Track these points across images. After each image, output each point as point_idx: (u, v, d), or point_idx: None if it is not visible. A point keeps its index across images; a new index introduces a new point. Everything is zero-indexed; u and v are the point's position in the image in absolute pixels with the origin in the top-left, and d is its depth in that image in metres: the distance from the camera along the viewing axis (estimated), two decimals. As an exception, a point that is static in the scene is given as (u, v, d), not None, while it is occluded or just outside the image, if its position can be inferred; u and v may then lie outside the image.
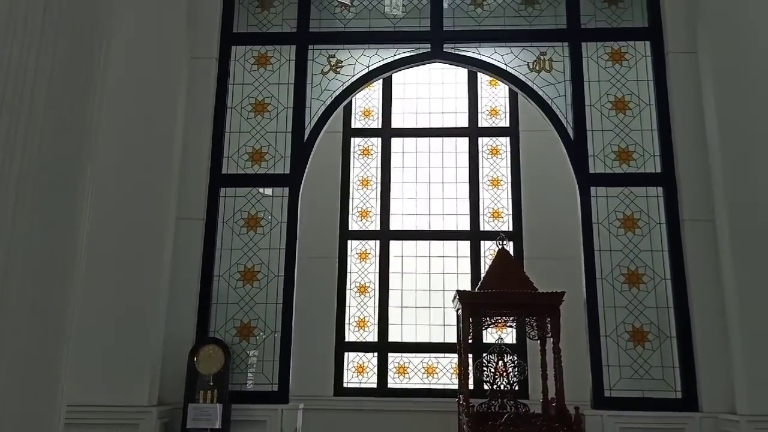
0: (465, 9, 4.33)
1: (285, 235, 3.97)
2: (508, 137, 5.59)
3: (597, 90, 4.05)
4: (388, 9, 4.39)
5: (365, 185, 5.65)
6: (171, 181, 3.85)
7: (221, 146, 4.13)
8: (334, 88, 4.25)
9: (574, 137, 3.98)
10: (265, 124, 4.20)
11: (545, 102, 4.07)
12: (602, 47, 4.13)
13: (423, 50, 4.26)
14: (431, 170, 5.67)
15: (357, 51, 4.30)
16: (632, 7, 4.17)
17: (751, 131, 3.62)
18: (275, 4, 4.40)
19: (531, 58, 4.18)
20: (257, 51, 4.33)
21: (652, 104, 3.98)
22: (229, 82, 4.26)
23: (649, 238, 3.80)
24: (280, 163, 4.13)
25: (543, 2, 4.27)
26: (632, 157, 3.93)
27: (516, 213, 5.39)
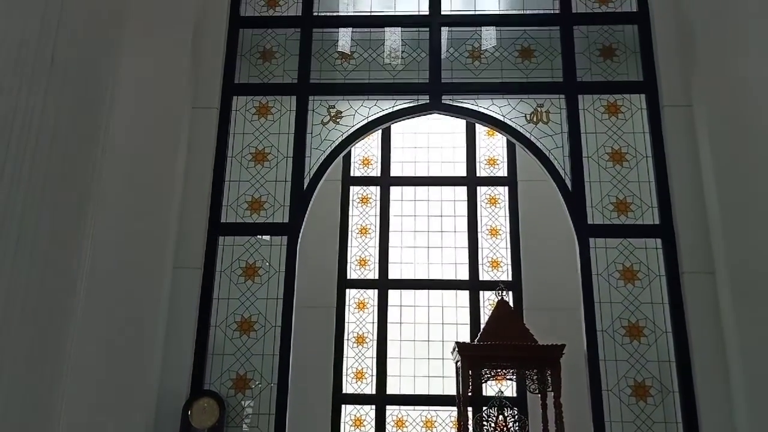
0: (463, 62, 4.40)
1: (283, 285, 3.95)
2: (507, 187, 5.63)
3: (594, 142, 4.09)
4: (387, 60, 4.46)
5: (364, 234, 5.66)
6: (169, 230, 3.84)
7: (220, 195, 4.14)
8: (334, 138, 4.28)
9: (572, 188, 4.00)
10: (265, 173, 4.22)
11: (543, 153, 4.10)
12: (598, 100, 4.19)
13: (422, 101, 4.32)
14: (430, 219, 5.69)
15: (357, 102, 4.36)
16: (627, 61, 4.25)
17: (748, 184, 3.64)
18: (276, 55, 4.47)
19: (528, 110, 4.23)
20: (258, 101, 4.38)
21: (649, 156, 4.01)
22: (230, 132, 4.29)
23: (649, 290, 3.77)
24: (279, 211, 4.13)
25: (539, 56, 4.34)
26: (630, 208, 3.94)
27: (515, 263, 5.38)
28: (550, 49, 4.33)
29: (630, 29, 4.29)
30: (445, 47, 4.41)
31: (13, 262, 1.85)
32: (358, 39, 4.50)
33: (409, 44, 4.46)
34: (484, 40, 4.42)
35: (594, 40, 4.31)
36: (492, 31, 4.44)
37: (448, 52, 4.41)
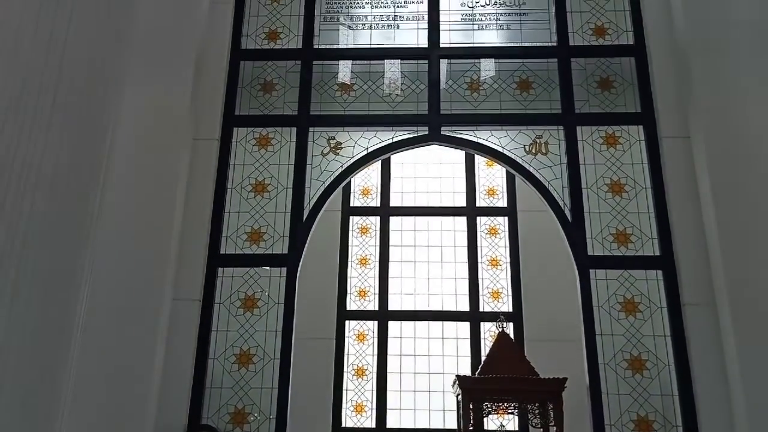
0: (461, 93, 4.43)
1: (282, 317, 3.92)
2: (506, 217, 5.63)
3: (593, 173, 4.10)
4: (387, 91, 4.49)
5: (363, 264, 5.65)
6: (168, 262, 3.83)
7: (220, 226, 4.14)
8: (334, 169, 4.29)
9: (571, 219, 4.00)
10: (265, 204, 4.23)
11: (542, 184, 4.11)
12: (597, 131, 4.21)
13: (421, 133, 4.34)
14: (430, 250, 5.68)
15: (356, 133, 4.38)
16: (624, 92, 4.28)
17: (747, 216, 3.64)
18: (277, 87, 4.51)
19: (527, 141, 4.25)
20: (259, 132, 4.40)
21: (648, 187, 4.02)
22: (230, 163, 4.31)
23: (651, 322, 3.74)
24: (279, 243, 4.12)
25: (537, 87, 4.38)
26: (630, 239, 3.93)
27: (515, 294, 5.36)
28: (548, 81, 4.37)
29: (627, 62, 4.33)
30: (444, 79, 4.45)
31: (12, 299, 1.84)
32: (357, 71, 4.54)
33: (409, 76, 4.50)
34: (483, 72, 4.46)
35: (591, 72, 4.34)
36: (490, 63, 4.49)
37: (447, 83, 4.44)
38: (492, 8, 4.60)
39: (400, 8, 4.65)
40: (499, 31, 4.56)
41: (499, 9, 4.59)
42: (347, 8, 4.67)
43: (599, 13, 4.47)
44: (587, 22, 4.45)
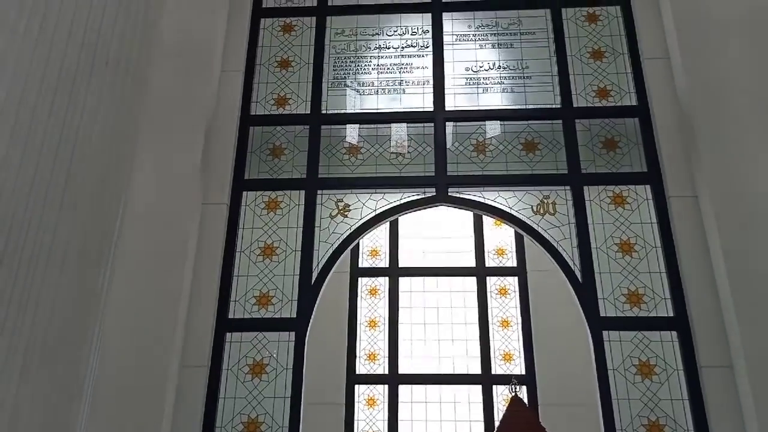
0: (468, 155, 4.47)
1: (290, 383, 3.86)
2: (516, 277, 5.59)
3: (602, 232, 4.09)
4: (394, 154, 4.54)
5: (373, 327, 5.59)
6: (176, 328, 3.80)
7: (228, 290, 4.13)
8: (342, 231, 4.31)
9: (582, 280, 3.96)
10: (273, 267, 4.22)
11: (551, 245, 4.09)
12: (604, 191, 4.22)
13: (428, 194, 4.37)
14: (440, 311, 5.62)
15: (364, 195, 4.41)
16: (630, 152, 4.31)
17: (759, 274, 3.60)
18: (286, 151, 4.57)
19: (534, 202, 4.26)
20: (267, 196, 4.44)
21: (658, 246, 3.99)
22: (239, 227, 4.33)
23: (668, 385, 3.65)
24: (287, 306, 4.10)
25: (543, 148, 4.42)
26: (643, 300, 3.88)
27: (528, 356, 5.27)
28: (553, 142, 4.42)
29: (631, 122, 4.38)
30: (450, 141, 4.51)
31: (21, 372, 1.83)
32: (365, 134, 4.61)
33: (415, 139, 4.57)
34: (489, 134, 4.52)
35: (596, 133, 4.39)
36: (496, 125, 4.55)
37: (453, 145, 4.49)
38: (496, 72, 4.70)
39: (406, 73, 4.76)
40: (504, 93, 4.64)
41: (502, 73, 4.68)
42: (354, 74, 4.78)
43: (601, 75, 4.55)
44: (590, 84, 4.53)
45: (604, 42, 4.65)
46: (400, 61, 4.80)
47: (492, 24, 4.83)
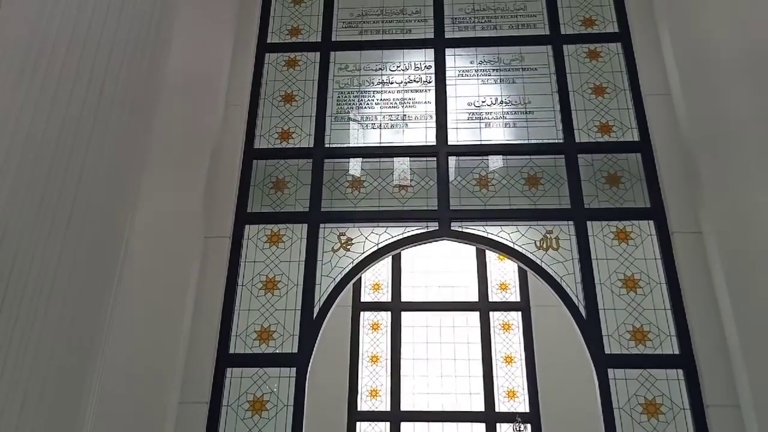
0: (471, 189, 4.48)
1: (291, 420, 3.80)
2: (520, 312, 5.55)
3: (606, 268, 4.07)
4: (396, 188, 4.54)
5: (375, 362, 5.53)
6: (176, 364, 3.77)
7: (230, 325, 4.09)
8: (344, 265, 4.29)
9: (586, 316, 3.93)
10: (275, 301, 4.20)
11: (555, 280, 4.07)
12: (607, 226, 4.21)
13: (431, 228, 4.36)
14: (443, 346, 5.57)
15: (367, 229, 4.40)
16: (633, 188, 4.31)
17: (766, 311, 3.56)
18: (289, 185, 4.58)
19: (538, 237, 4.24)
20: (270, 229, 4.44)
21: (662, 283, 3.96)
22: (241, 260, 4.32)
23: (674, 425, 3.59)
24: (288, 341, 4.06)
25: (546, 183, 4.42)
26: (648, 337, 3.84)
27: (532, 392, 5.19)
28: (556, 177, 4.42)
29: (634, 157, 4.39)
30: (453, 175, 4.51)
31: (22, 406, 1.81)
32: (367, 168, 4.62)
33: (418, 173, 4.57)
34: (491, 169, 4.53)
35: (599, 168, 4.40)
36: (498, 159, 4.56)
37: (456, 180, 4.50)
38: (498, 107, 4.73)
39: (409, 108, 4.79)
40: (506, 128, 4.66)
41: (505, 108, 4.71)
42: (357, 108, 4.82)
43: (603, 110, 4.58)
44: (592, 120, 4.55)
45: (606, 78, 4.69)
46: (403, 95, 4.83)
47: (494, 60, 4.88)
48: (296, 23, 5.12)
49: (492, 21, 5.01)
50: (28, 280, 1.88)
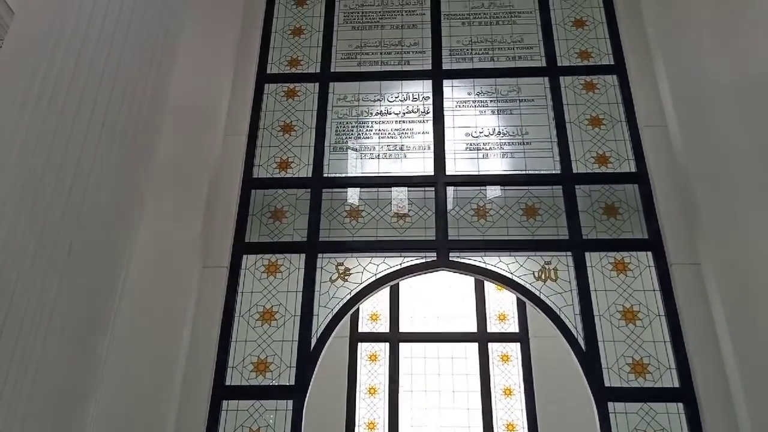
0: (468, 220, 4.48)
1: (287, 455, 3.75)
2: (519, 343, 5.51)
3: (604, 299, 4.05)
4: (395, 217, 4.55)
5: (373, 394, 5.47)
6: (172, 396, 3.73)
7: (226, 356, 4.06)
8: (342, 295, 4.27)
9: (585, 348, 3.91)
10: (272, 332, 4.17)
11: (553, 311, 4.05)
12: (605, 257, 4.21)
13: (429, 258, 4.35)
14: (441, 378, 5.52)
15: (365, 259, 4.39)
16: (630, 219, 4.32)
17: (765, 343, 3.54)
18: (287, 215, 4.58)
19: (536, 267, 4.24)
20: (268, 259, 4.42)
21: (662, 315, 3.95)
22: (239, 291, 4.30)
23: (677, 461, 3.55)
24: (286, 373, 4.03)
25: (544, 214, 4.43)
26: (648, 369, 3.81)
27: (531, 425, 5.13)
28: (554, 207, 4.43)
29: (631, 188, 4.41)
30: (450, 205, 4.52)
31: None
32: (366, 198, 4.63)
33: (416, 203, 4.58)
34: (489, 199, 4.54)
35: (596, 199, 4.41)
36: (496, 190, 4.57)
37: (454, 210, 4.51)
38: (496, 137, 4.76)
39: (407, 138, 4.81)
40: (504, 159, 4.68)
41: (502, 138, 4.74)
42: (356, 138, 4.84)
43: (600, 142, 4.61)
44: (589, 151, 4.58)
45: (602, 109, 4.73)
46: (401, 126, 4.86)
47: (491, 91, 4.92)
48: (296, 54, 5.18)
49: (489, 53, 5.07)
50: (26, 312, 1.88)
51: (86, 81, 2.35)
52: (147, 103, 2.53)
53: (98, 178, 2.18)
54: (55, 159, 2.14)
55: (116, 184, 2.26)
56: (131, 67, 2.51)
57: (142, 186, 2.50)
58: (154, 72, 2.61)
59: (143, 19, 2.56)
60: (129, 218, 2.21)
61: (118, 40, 2.50)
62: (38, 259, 1.93)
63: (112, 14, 2.47)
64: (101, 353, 2.13)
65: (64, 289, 1.96)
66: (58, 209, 1.95)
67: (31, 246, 1.95)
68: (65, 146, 2.17)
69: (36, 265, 1.94)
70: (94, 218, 2.05)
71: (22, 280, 1.90)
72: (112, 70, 2.38)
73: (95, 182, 2.17)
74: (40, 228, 1.92)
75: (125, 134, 2.35)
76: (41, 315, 1.91)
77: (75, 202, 1.97)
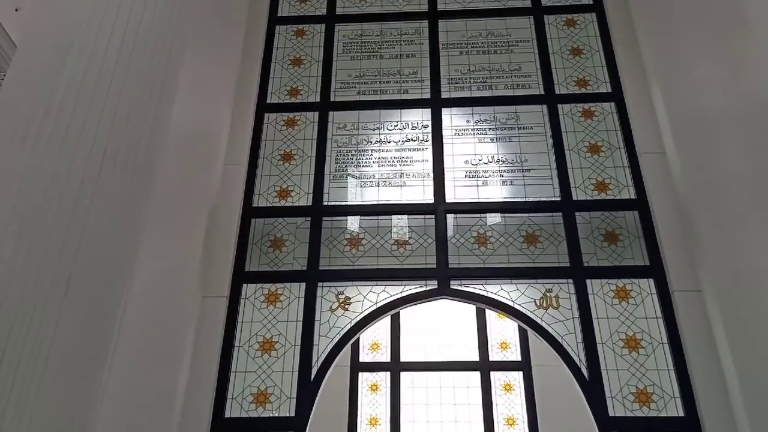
0: (469, 247, 4.47)
1: (287, 489, 3.68)
2: (521, 371, 5.46)
3: (607, 327, 4.02)
4: (395, 245, 4.53)
5: (374, 425, 5.41)
6: (170, 428, 3.67)
7: (225, 387, 4.01)
8: (342, 324, 4.24)
9: (589, 377, 3.87)
10: (272, 363, 4.13)
11: (556, 340, 4.02)
12: (607, 284, 4.18)
13: (430, 287, 4.33)
14: (443, 407, 5.45)
15: (365, 288, 4.37)
16: (631, 246, 4.31)
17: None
18: (287, 243, 4.57)
19: (537, 295, 4.21)
20: (267, 289, 4.40)
21: (664, 342, 3.92)
22: (238, 320, 4.27)
23: (683, 491, 3.49)
24: (286, 404, 3.98)
25: (544, 241, 4.42)
26: (652, 398, 3.77)
27: (535, 456, 5.06)
28: (554, 235, 4.42)
29: (631, 215, 4.40)
30: (451, 233, 4.51)
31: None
32: (366, 226, 4.62)
33: (416, 230, 4.57)
34: (490, 227, 4.53)
35: (597, 226, 4.40)
36: (496, 217, 4.57)
37: (454, 237, 4.50)
38: (495, 165, 4.77)
39: (406, 166, 4.83)
40: (503, 186, 4.69)
41: (502, 166, 4.75)
42: (355, 166, 4.85)
43: (599, 169, 4.62)
44: (588, 178, 4.59)
45: (601, 137, 4.75)
46: (401, 154, 4.88)
47: (490, 119, 4.95)
48: (295, 84, 5.22)
49: (487, 81, 5.11)
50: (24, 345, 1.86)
51: (87, 115, 2.36)
52: (147, 135, 2.54)
53: (97, 211, 2.18)
54: (54, 193, 2.14)
55: (116, 216, 2.26)
56: (132, 99, 2.53)
57: (141, 217, 2.50)
58: (155, 104, 2.62)
59: (144, 52, 2.58)
60: (128, 250, 2.20)
61: (119, 72, 2.53)
62: (37, 292, 1.92)
63: (113, 47, 2.50)
64: (99, 385, 2.11)
65: (63, 322, 1.96)
66: (57, 242, 1.94)
67: (30, 279, 1.94)
68: (65, 180, 2.18)
69: (35, 299, 1.93)
70: (93, 251, 2.04)
71: (21, 313, 1.89)
72: (112, 102, 2.40)
73: (94, 215, 2.16)
74: (39, 261, 1.92)
75: (125, 166, 2.36)
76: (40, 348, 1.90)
77: (74, 235, 1.96)
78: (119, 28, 2.54)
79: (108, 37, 2.49)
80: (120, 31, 2.52)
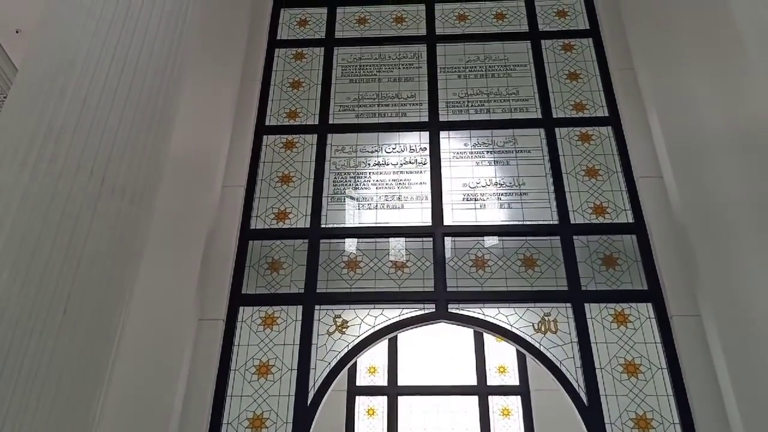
0: (467, 270, 4.46)
1: None
2: (519, 396, 5.42)
3: (606, 352, 4.00)
4: (393, 268, 4.52)
5: (371, 451, 5.35)
6: (164, 456, 3.62)
7: (221, 412, 3.97)
8: (340, 348, 4.21)
9: (588, 402, 3.83)
10: (268, 387, 4.09)
11: (554, 364, 3.99)
12: (605, 308, 4.17)
13: (428, 310, 4.31)
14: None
15: (363, 311, 4.35)
16: (629, 270, 4.30)
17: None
18: (284, 266, 4.55)
19: (536, 319, 4.20)
20: (264, 311, 4.38)
21: (663, 368, 3.89)
22: (234, 344, 4.24)
23: None
24: (282, 429, 3.94)
25: (542, 264, 4.41)
26: (651, 425, 3.73)
27: (534, 484, 5.00)
28: (552, 258, 4.41)
29: (629, 239, 4.40)
30: (449, 256, 4.50)
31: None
32: (363, 249, 4.61)
33: (414, 253, 4.56)
34: (487, 250, 4.52)
35: (595, 250, 4.40)
36: (494, 240, 4.57)
37: (452, 260, 4.49)
38: (493, 188, 4.77)
39: (404, 189, 4.83)
40: (501, 209, 4.69)
41: (499, 189, 4.76)
42: (354, 189, 4.86)
43: (597, 192, 4.63)
44: (586, 201, 4.59)
45: (598, 160, 4.77)
46: (399, 176, 4.89)
47: (488, 142, 4.97)
48: (294, 107, 5.24)
49: (485, 105, 5.14)
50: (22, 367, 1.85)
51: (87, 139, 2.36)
52: (148, 159, 2.54)
53: (96, 236, 2.17)
54: (53, 217, 2.14)
55: (114, 241, 2.26)
56: (133, 123, 2.53)
57: (141, 242, 2.49)
58: (156, 128, 2.63)
59: (145, 76, 2.59)
60: (126, 274, 2.19)
61: (120, 96, 2.53)
62: (34, 317, 1.91)
63: (114, 72, 2.51)
64: (96, 409, 2.09)
65: (60, 348, 1.94)
66: (54, 267, 1.93)
67: (28, 303, 1.93)
68: (63, 205, 2.17)
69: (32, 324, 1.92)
70: (92, 275, 2.03)
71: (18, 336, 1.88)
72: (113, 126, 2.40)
73: (93, 240, 2.16)
74: (37, 285, 1.91)
75: (124, 192, 2.35)
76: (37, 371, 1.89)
77: (72, 261, 1.95)
78: (121, 52, 2.55)
79: (110, 61, 2.50)
80: (122, 55, 2.54)
